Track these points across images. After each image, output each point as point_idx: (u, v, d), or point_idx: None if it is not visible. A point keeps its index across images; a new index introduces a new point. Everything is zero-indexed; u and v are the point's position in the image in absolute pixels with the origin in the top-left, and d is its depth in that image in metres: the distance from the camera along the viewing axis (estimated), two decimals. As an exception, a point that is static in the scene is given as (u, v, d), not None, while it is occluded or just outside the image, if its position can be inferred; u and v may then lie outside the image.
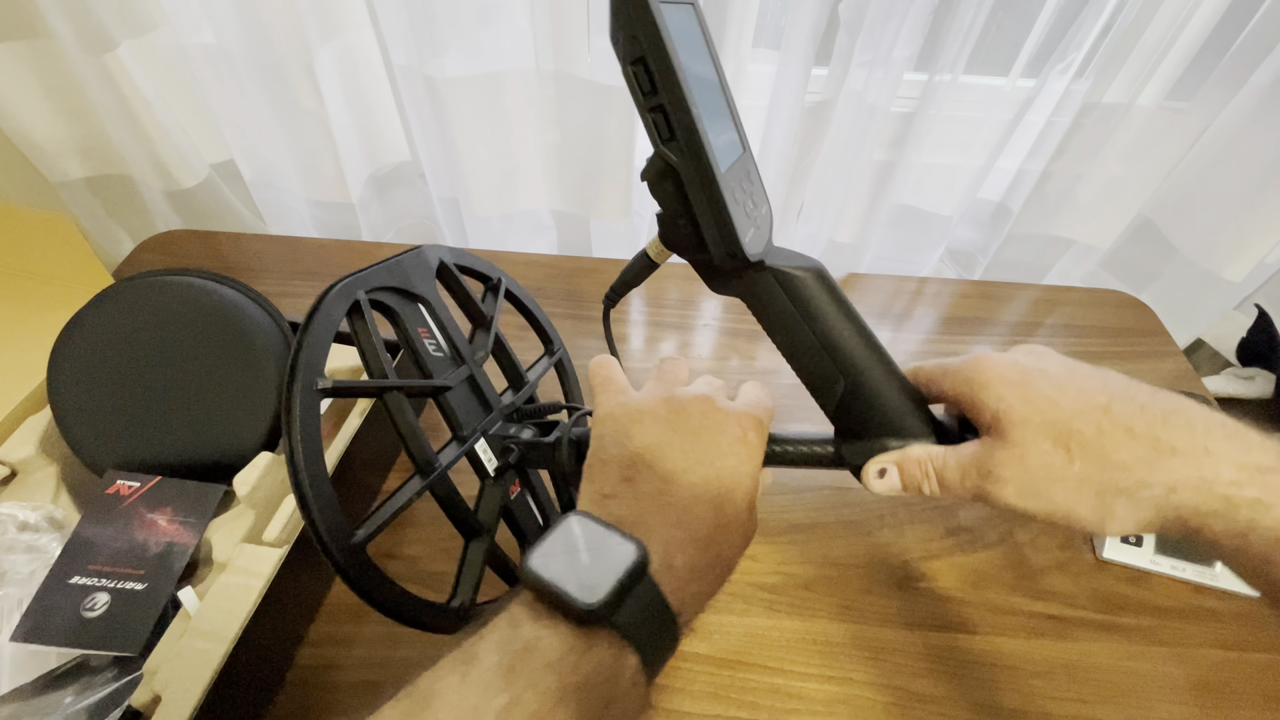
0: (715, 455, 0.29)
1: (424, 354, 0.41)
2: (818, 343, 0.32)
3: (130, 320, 0.51)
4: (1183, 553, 0.53)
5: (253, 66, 0.73)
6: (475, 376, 0.43)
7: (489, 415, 0.43)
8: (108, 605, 0.43)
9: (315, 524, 0.31)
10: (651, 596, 0.24)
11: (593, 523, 0.25)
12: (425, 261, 0.44)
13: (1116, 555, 0.54)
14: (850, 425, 0.33)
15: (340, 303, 0.36)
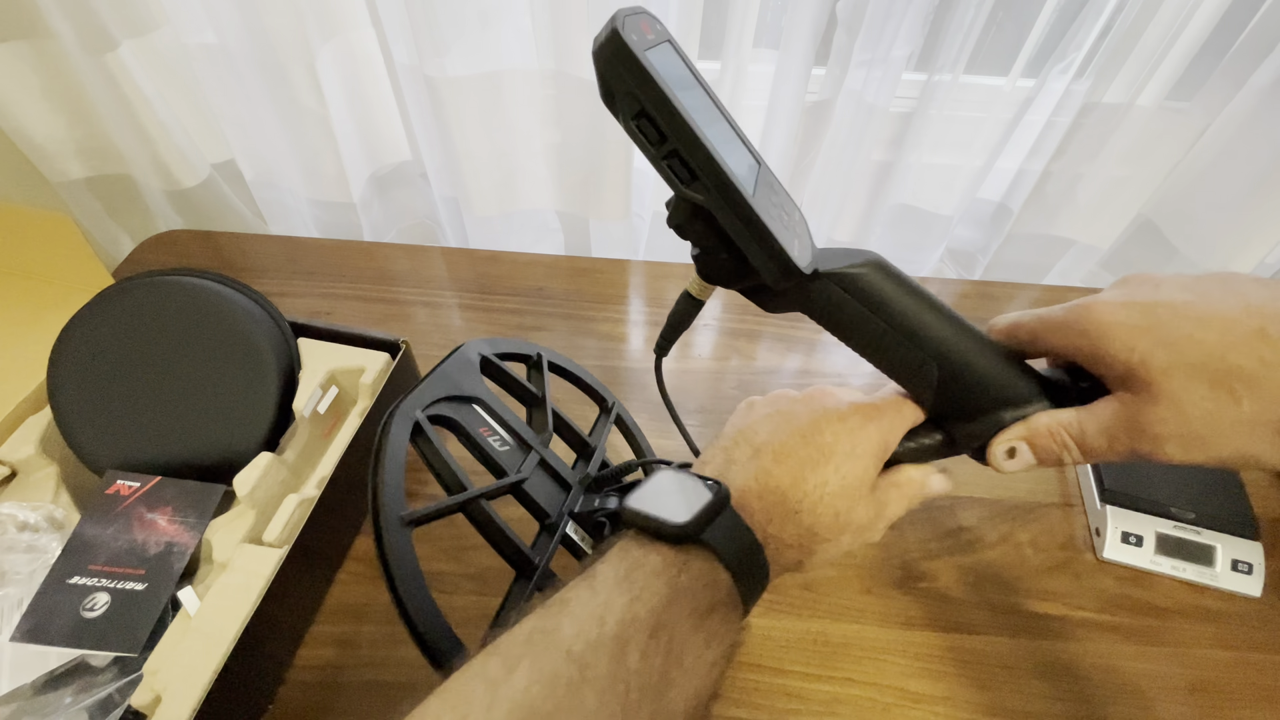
0: (808, 434, 0.30)
1: (492, 452, 0.40)
2: (897, 334, 0.30)
3: (130, 320, 0.51)
4: (1183, 553, 0.53)
5: (254, 66, 0.73)
6: (546, 459, 0.42)
7: (570, 494, 0.42)
8: (108, 605, 0.43)
9: (440, 657, 0.32)
10: (735, 523, 0.27)
11: (679, 473, 0.29)
12: (468, 361, 0.44)
13: (1117, 555, 0.54)
14: (955, 408, 0.31)
15: (403, 428, 0.36)
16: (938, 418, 0.32)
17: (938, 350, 0.30)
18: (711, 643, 0.25)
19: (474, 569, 0.52)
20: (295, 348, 0.55)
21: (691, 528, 0.26)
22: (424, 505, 0.34)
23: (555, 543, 0.39)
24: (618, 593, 0.24)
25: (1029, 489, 0.59)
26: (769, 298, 0.32)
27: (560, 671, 0.22)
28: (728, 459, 0.31)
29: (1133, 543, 0.54)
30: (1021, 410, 0.30)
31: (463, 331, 0.71)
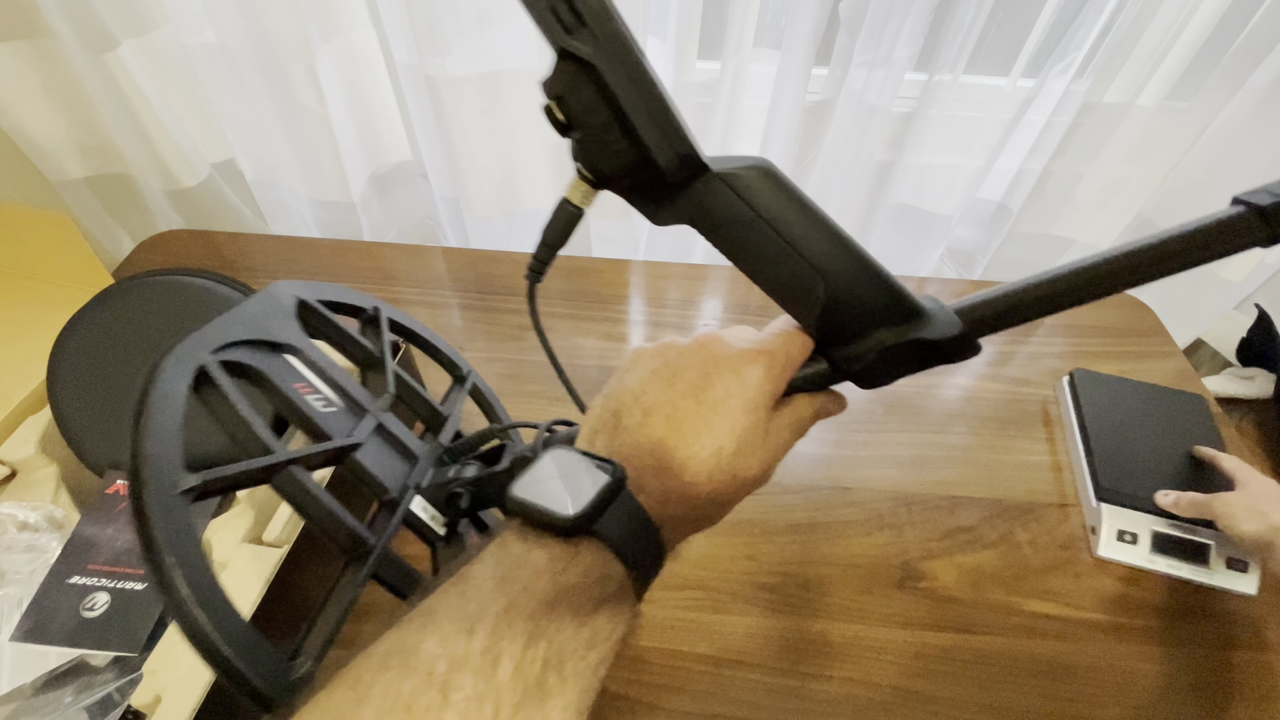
0: (699, 389, 0.28)
1: (312, 413, 0.33)
2: (786, 245, 0.28)
3: (130, 320, 0.51)
4: (1179, 551, 0.53)
5: (254, 66, 0.74)
6: (386, 425, 0.36)
7: (416, 466, 0.36)
8: (107, 605, 0.43)
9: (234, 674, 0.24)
10: (630, 509, 0.25)
11: (570, 453, 0.26)
12: (278, 303, 0.36)
13: (1112, 554, 0.54)
14: (839, 331, 0.29)
15: (180, 374, 0.28)
16: (822, 343, 0.30)
17: (828, 264, 0.28)
18: (596, 643, 0.23)
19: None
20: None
21: (584, 519, 0.23)
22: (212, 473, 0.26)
23: (396, 521, 0.33)
24: (493, 598, 0.22)
25: (1028, 489, 0.59)
26: (658, 198, 0.28)
27: (419, 698, 0.20)
28: (617, 424, 0.28)
29: (1128, 541, 0.54)
30: (898, 331, 0.28)
31: (463, 331, 0.71)
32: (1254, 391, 1.24)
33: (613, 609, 0.24)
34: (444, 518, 0.36)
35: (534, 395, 0.64)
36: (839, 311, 0.28)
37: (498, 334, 0.70)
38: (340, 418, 0.34)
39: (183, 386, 0.28)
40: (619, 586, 0.25)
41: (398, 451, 0.37)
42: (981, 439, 0.63)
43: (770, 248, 0.28)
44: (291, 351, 0.35)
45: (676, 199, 0.28)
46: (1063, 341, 0.72)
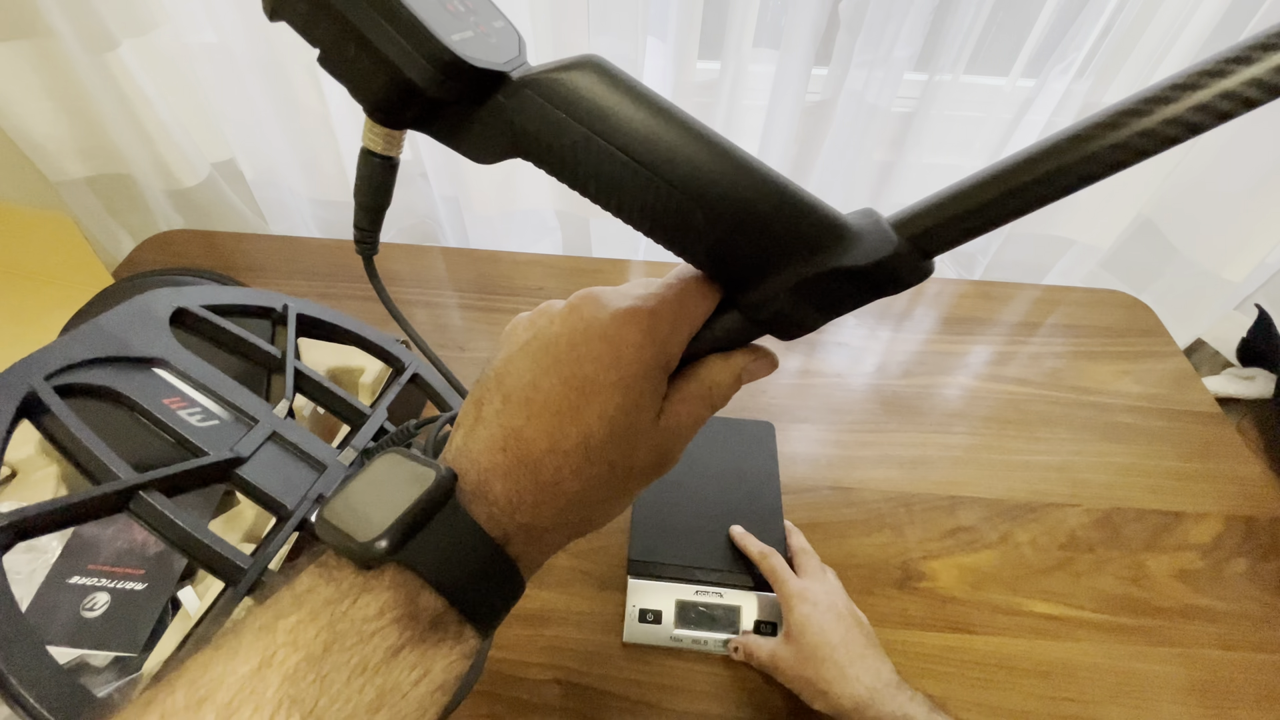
0: (564, 364, 0.22)
1: (182, 428, 0.31)
2: (638, 165, 0.21)
3: (130, 320, 0.51)
4: (706, 621, 0.48)
5: (254, 65, 0.73)
6: (281, 433, 0.33)
7: (324, 474, 0.33)
8: (108, 605, 0.43)
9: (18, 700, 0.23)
10: (460, 527, 0.20)
11: (402, 458, 0.21)
12: (148, 314, 0.33)
13: (637, 637, 0.48)
14: (740, 270, 0.22)
15: (3, 402, 0.25)
16: (726, 287, 0.24)
17: (701, 186, 0.21)
18: (389, 701, 0.18)
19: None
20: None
21: (384, 546, 0.19)
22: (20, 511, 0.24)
23: (284, 534, 0.30)
24: (248, 654, 0.18)
25: (1029, 489, 0.59)
26: (462, 131, 0.23)
27: None
28: (477, 416, 0.23)
29: (650, 620, 0.48)
30: (816, 258, 0.22)
31: (463, 331, 0.71)
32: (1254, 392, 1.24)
33: (422, 655, 0.19)
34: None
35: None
36: (733, 245, 0.22)
37: (497, 333, 0.70)
38: (225, 430, 0.32)
39: (4, 415, 0.25)
40: (433, 623, 0.20)
41: (299, 460, 0.33)
42: (982, 439, 0.63)
43: (618, 171, 0.21)
44: (160, 364, 0.32)
45: (484, 124, 0.22)
46: (1062, 341, 0.72)
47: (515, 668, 0.48)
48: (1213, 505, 0.58)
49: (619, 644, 0.49)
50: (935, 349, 0.71)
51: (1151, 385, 0.68)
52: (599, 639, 0.49)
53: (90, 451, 0.26)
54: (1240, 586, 0.53)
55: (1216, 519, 0.57)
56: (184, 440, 0.30)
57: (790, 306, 0.22)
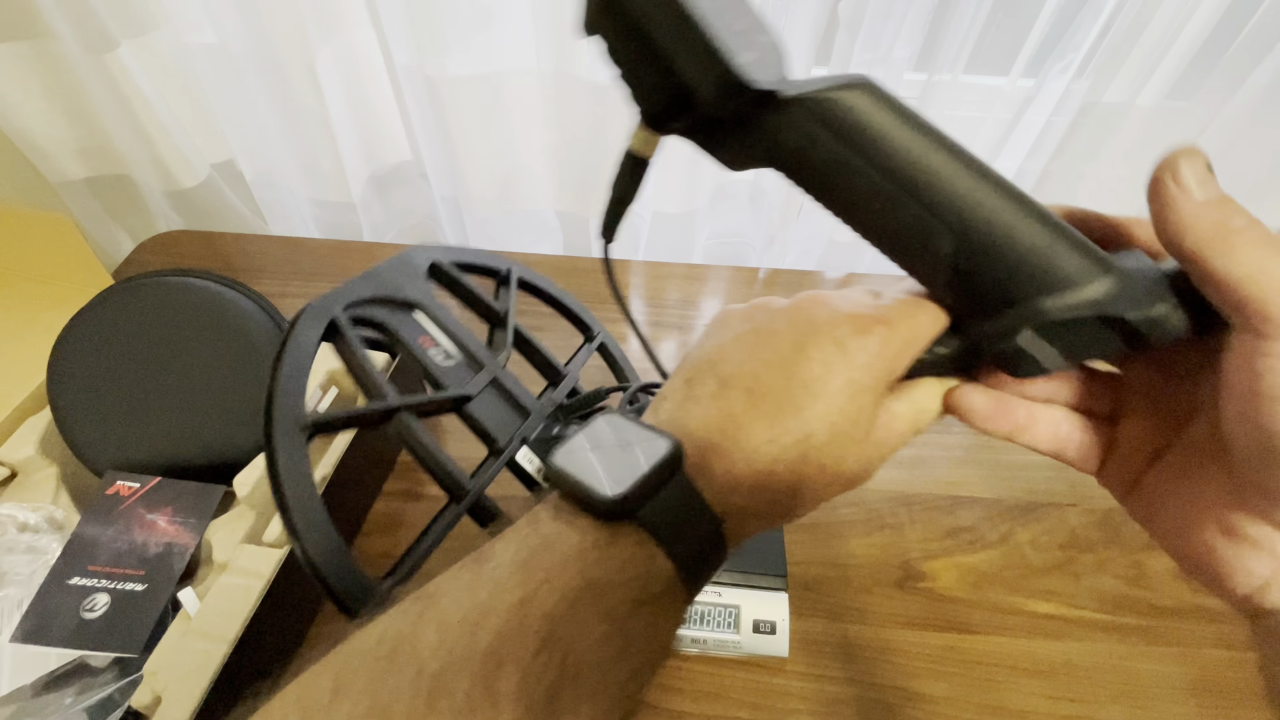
0: (790, 362, 0.22)
1: (432, 365, 0.36)
2: (896, 188, 0.21)
3: (130, 321, 0.51)
4: (706, 621, 0.47)
5: (253, 66, 0.73)
6: (500, 380, 0.38)
7: (527, 420, 0.38)
8: (108, 606, 0.43)
9: (332, 591, 0.29)
10: (687, 496, 0.21)
11: (625, 421, 0.22)
12: (411, 265, 0.39)
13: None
14: (977, 298, 0.22)
15: (313, 326, 0.32)
16: (957, 314, 0.24)
17: (956, 211, 0.21)
18: (629, 653, 0.19)
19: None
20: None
21: (625, 503, 0.20)
22: (327, 414, 0.30)
23: (498, 466, 0.35)
24: (509, 586, 0.19)
25: (1029, 488, 0.59)
26: (724, 141, 0.24)
27: (400, 700, 0.17)
28: (688, 394, 0.23)
29: None
30: (1069, 296, 0.21)
31: (463, 332, 0.71)
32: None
33: (654, 613, 0.20)
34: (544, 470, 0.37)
35: (534, 395, 0.64)
36: (976, 273, 0.22)
37: (498, 334, 0.70)
38: (459, 371, 0.37)
39: (314, 336, 0.32)
40: (664, 586, 0.20)
41: (510, 405, 0.38)
42: (981, 438, 0.63)
43: (873, 192, 0.22)
44: (419, 308, 0.38)
45: (746, 137, 0.23)
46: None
47: (515, 668, 0.47)
48: (1213, 505, 0.58)
49: (619, 644, 0.49)
50: (935, 349, 0.71)
51: (1151, 385, 0.68)
52: (599, 639, 0.49)
53: (370, 374, 0.32)
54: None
55: (1216, 518, 0.57)
56: (430, 374, 0.36)
57: (1031, 345, 0.22)
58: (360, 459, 0.52)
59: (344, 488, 0.50)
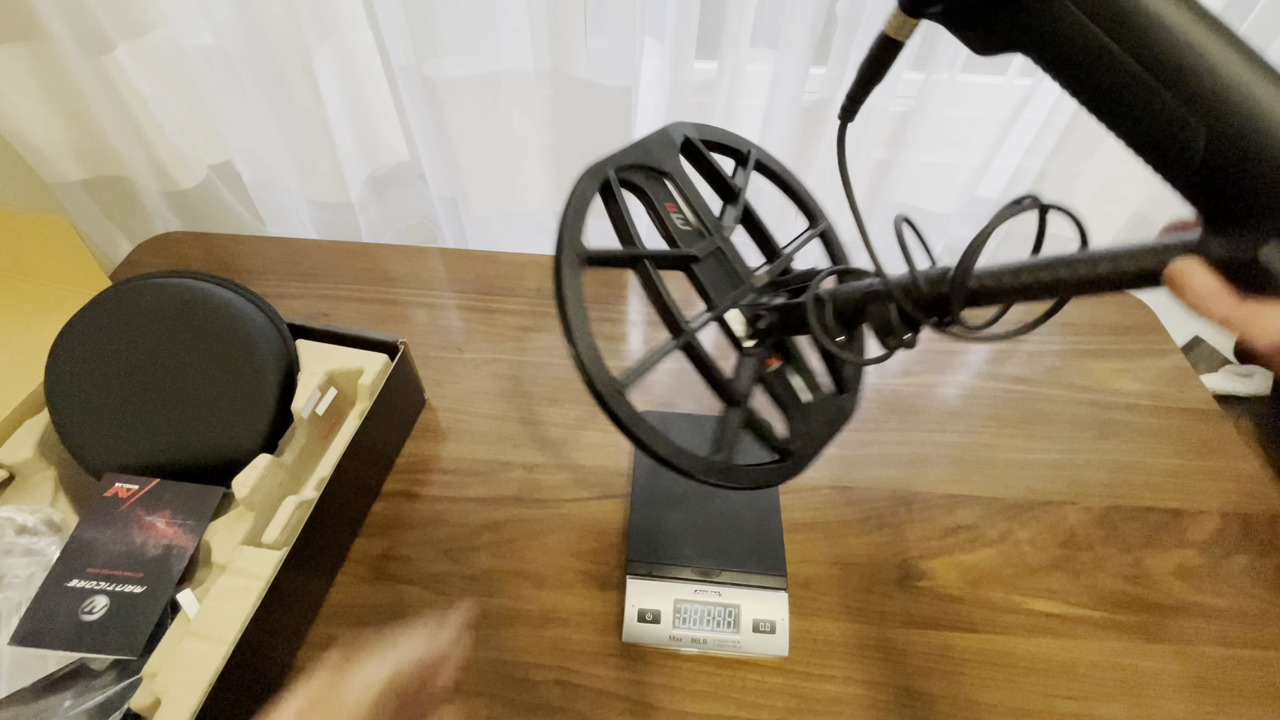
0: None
1: (672, 227, 0.42)
2: (1151, 79, 0.20)
3: (128, 323, 0.51)
4: (705, 621, 0.48)
5: (251, 67, 0.73)
6: (723, 249, 0.42)
7: (740, 288, 0.42)
8: (106, 608, 0.43)
9: (592, 382, 0.36)
10: None
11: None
12: (669, 139, 0.44)
13: (637, 637, 0.48)
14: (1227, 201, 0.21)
15: (590, 183, 0.38)
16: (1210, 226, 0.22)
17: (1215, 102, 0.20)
18: None
19: (474, 570, 0.52)
20: (294, 349, 0.55)
21: None
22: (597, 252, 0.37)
23: (710, 318, 0.40)
24: None
25: (1028, 487, 0.59)
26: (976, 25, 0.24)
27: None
28: None
29: (649, 620, 0.48)
30: None
31: (462, 333, 0.71)
32: (1251, 389, 1.24)
33: None
34: (749, 331, 0.42)
35: (534, 396, 0.64)
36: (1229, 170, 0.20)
37: (496, 335, 0.70)
38: (692, 236, 0.42)
39: (592, 190, 0.38)
40: None
41: (728, 273, 0.43)
42: (981, 438, 0.63)
43: (1126, 80, 0.21)
44: (669, 178, 0.43)
45: (998, 20, 0.23)
46: (1061, 340, 0.72)
47: (516, 669, 0.48)
48: (1211, 502, 0.58)
49: (619, 644, 0.49)
50: (934, 348, 0.71)
51: (1150, 383, 0.68)
52: (599, 639, 0.49)
53: (629, 227, 0.39)
54: (1238, 583, 0.53)
55: (1214, 516, 0.57)
56: (669, 234, 0.41)
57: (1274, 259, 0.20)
58: (360, 461, 0.52)
59: (344, 488, 0.50)
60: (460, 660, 0.35)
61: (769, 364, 0.43)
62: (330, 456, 0.51)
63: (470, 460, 0.59)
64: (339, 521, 0.52)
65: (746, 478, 0.38)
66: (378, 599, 0.51)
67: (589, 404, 0.63)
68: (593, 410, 0.63)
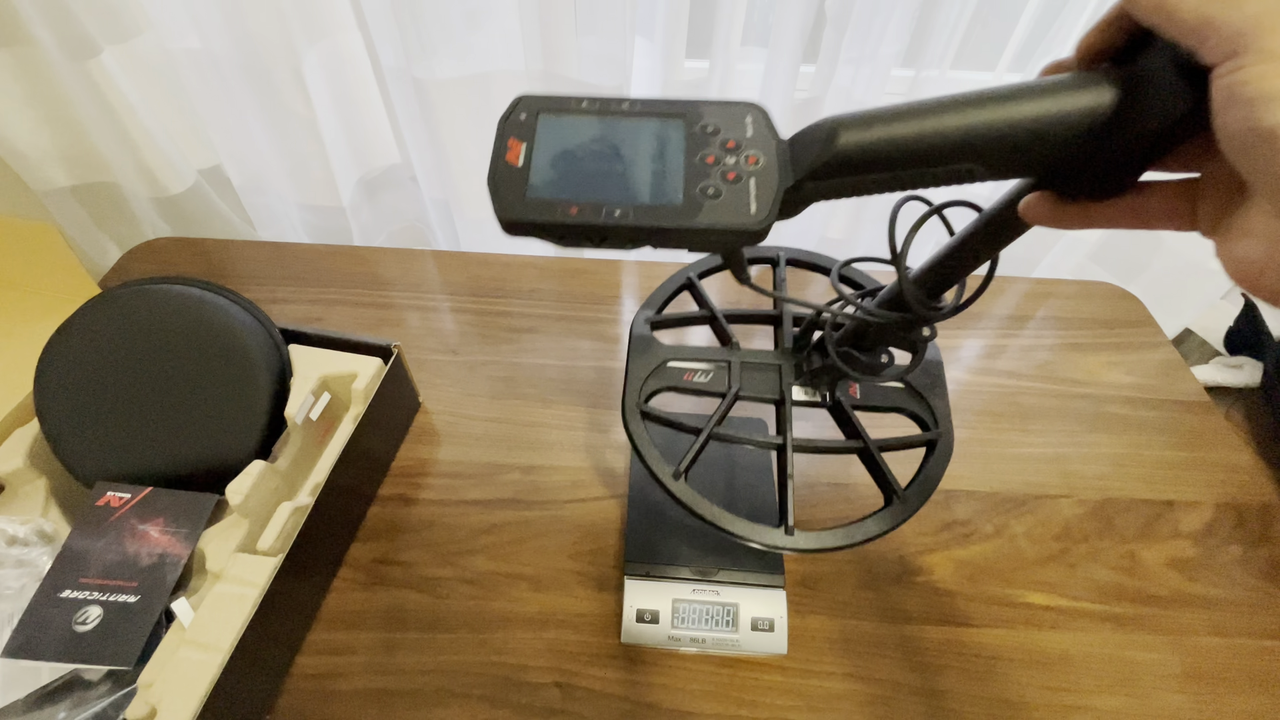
0: None
1: (702, 388, 0.45)
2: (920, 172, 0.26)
3: (118, 330, 0.51)
4: (704, 620, 0.48)
5: (239, 71, 0.73)
6: (746, 361, 0.46)
7: (781, 369, 0.45)
8: (100, 618, 0.43)
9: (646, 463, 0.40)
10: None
11: None
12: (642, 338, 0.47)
13: (636, 638, 0.48)
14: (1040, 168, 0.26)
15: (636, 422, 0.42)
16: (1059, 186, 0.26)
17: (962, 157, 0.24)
18: None
19: (472, 573, 0.52)
20: (286, 354, 0.55)
21: None
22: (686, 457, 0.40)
23: (789, 417, 0.42)
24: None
25: (1023, 480, 0.59)
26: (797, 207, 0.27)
27: None
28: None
29: (648, 620, 0.48)
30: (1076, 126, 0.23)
31: (456, 335, 0.70)
32: (1242, 380, 1.25)
33: None
34: (825, 386, 0.44)
35: (529, 398, 0.64)
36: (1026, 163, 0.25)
37: (490, 337, 0.70)
38: (720, 375, 0.45)
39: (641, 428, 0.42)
40: None
41: (764, 370, 0.45)
42: (975, 432, 0.63)
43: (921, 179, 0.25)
44: (668, 361, 0.45)
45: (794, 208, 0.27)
46: (1053, 334, 0.73)
47: (515, 671, 0.47)
48: (1203, 494, 0.59)
49: (618, 645, 0.48)
50: (927, 344, 0.71)
51: (1141, 375, 0.68)
52: (598, 640, 0.49)
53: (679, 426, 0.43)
54: (1232, 573, 0.54)
55: (1207, 507, 0.58)
56: (708, 394, 0.44)
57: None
58: (355, 466, 0.52)
59: (339, 494, 0.50)
60: (460, 664, 0.35)
61: (852, 391, 0.45)
62: (325, 462, 0.51)
63: (466, 463, 0.59)
64: (335, 527, 0.52)
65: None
66: (375, 604, 0.50)
67: (584, 405, 0.63)
68: (587, 411, 0.63)
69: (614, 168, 0.26)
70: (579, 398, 0.64)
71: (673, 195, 0.25)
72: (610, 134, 0.27)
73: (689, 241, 0.26)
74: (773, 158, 0.26)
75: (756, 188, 0.25)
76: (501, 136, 0.27)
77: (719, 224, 0.25)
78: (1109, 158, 0.23)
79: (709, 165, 0.26)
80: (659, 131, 0.27)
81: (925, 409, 0.46)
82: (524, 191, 0.26)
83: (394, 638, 0.49)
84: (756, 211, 0.25)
